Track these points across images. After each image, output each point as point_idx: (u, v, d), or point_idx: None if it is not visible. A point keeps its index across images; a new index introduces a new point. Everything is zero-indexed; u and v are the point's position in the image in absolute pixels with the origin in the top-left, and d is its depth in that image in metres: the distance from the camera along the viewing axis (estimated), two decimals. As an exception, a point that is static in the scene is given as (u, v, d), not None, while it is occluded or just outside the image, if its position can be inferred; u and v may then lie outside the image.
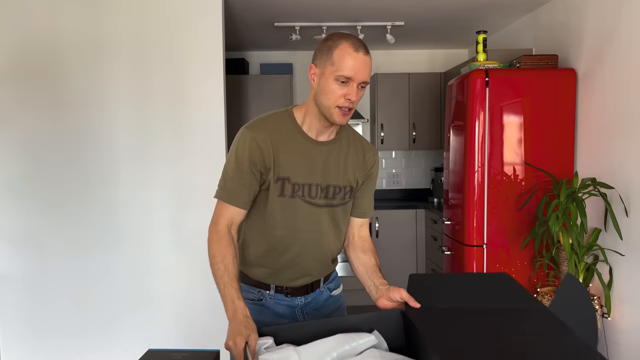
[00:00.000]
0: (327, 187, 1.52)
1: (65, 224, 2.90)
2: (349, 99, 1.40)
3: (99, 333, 2.93)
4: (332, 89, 1.40)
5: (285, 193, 1.49)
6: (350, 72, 1.38)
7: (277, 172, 1.47)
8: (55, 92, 2.86)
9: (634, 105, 2.58)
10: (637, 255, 2.58)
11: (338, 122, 1.44)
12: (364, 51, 1.40)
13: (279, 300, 1.59)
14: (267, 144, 1.46)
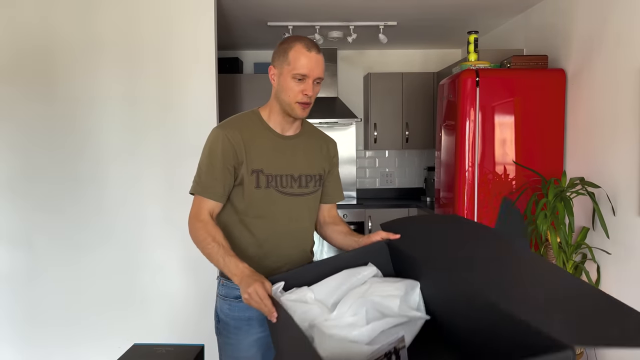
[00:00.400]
0: (300, 177, 1.65)
1: (56, 222, 2.91)
2: (306, 94, 1.54)
3: (91, 331, 2.95)
4: (290, 87, 1.54)
5: (260, 184, 1.59)
6: (305, 70, 1.52)
7: (251, 165, 1.57)
8: (46, 91, 2.86)
9: (621, 106, 2.61)
10: (623, 254, 2.61)
11: (299, 115, 1.58)
12: (316, 50, 1.55)
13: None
14: (238, 139, 1.57)
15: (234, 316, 1.64)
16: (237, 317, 1.63)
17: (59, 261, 2.92)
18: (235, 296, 1.62)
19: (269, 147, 1.61)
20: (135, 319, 2.97)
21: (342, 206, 4.60)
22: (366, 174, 5.16)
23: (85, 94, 2.88)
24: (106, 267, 2.94)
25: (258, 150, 1.59)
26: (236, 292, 1.59)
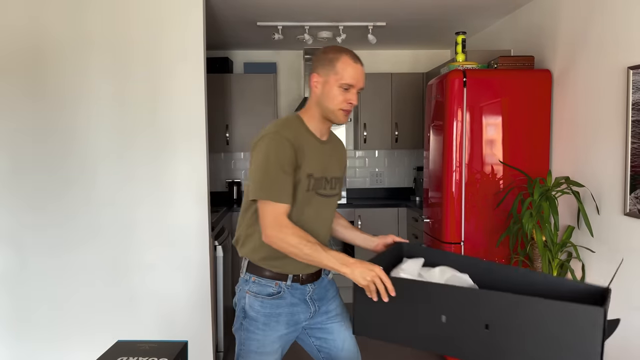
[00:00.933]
0: (332, 179, 1.78)
1: (45, 222, 2.90)
2: (351, 103, 1.67)
3: (80, 331, 2.94)
4: (335, 95, 1.65)
5: (310, 187, 1.70)
6: (352, 80, 1.65)
7: (306, 169, 1.67)
8: (34, 89, 2.86)
9: (605, 106, 2.65)
10: (607, 252, 2.65)
11: (342, 121, 1.72)
12: (360, 62, 1.69)
13: (294, 290, 1.75)
14: (296, 143, 1.64)
15: (264, 313, 1.72)
16: (268, 313, 1.72)
17: (46, 259, 2.91)
18: (267, 293, 1.72)
19: (314, 151, 1.71)
20: (123, 318, 2.96)
21: (332, 206, 4.61)
22: (356, 173, 5.18)
23: (73, 92, 2.87)
24: (94, 266, 2.93)
25: (308, 155, 1.68)
26: (269, 289, 1.72)
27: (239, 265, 1.87)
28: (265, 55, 5.00)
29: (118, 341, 1.04)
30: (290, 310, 1.75)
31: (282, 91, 5.01)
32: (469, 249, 3.17)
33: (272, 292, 1.73)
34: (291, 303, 1.75)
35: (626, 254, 2.51)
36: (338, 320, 1.87)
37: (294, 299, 1.76)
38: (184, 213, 2.96)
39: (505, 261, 3.16)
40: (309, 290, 1.78)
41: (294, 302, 1.76)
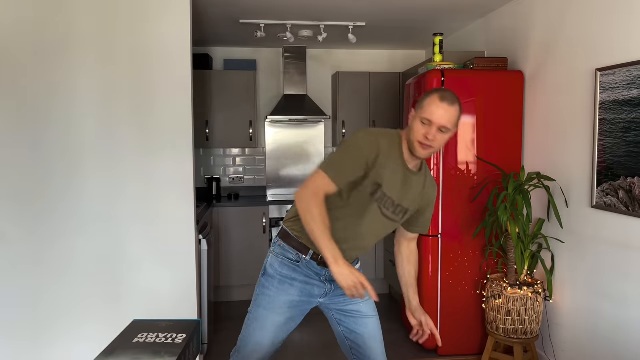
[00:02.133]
0: (399, 206, 1.86)
1: (29, 214, 2.89)
2: (427, 137, 1.73)
3: (64, 323, 2.94)
4: (416, 128, 1.75)
5: (374, 195, 1.80)
6: (430, 116, 1.71)
7: (378, 178, 1.78)
8: (19, 82, 2.84)
9: (572, 105, 2.82)
10: (576, 243, 2.83)
11: (419, 153, 1.77)
12: (448, 102, 1.72)
13: (311, 267, 1.89)
14: (383, 149, 1.76)
15: (281, 273, 1.90)
16: (285, 275, 1.89)
17: (32, 253, 2.90)
18: (289, 257, 1.90)
19: (396, 171, 1.81)
20: (108, 312, 2.98)
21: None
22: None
23: (59, 87, 2.87)
24: (80, 261, 2.94)
25: (389, 170, 1.79)
26: (289, 255, 1.91)
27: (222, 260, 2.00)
28: (245, 52, 5.05)
29: (134, 320, 1.09)
30: (305, 280, 1.90)
31: (262, 88, 5.07)
32: (447, 242, 3.31)
33: (292, 258, 1.90)
34: (306, 275, 1.90)
35: (593, 245, 2.68)
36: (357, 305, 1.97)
37: (310, 273, 1.90)
38: (169, 207, 3.00)
39: (480, 253, 3.31)
40: (326, 272, 1.88)
41: (309, 275, 1.90)
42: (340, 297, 1.96)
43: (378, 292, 4.82)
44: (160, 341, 0.90)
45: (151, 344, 0.89)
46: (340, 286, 1.62)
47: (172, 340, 0.91)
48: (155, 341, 0.90)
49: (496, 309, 2.97)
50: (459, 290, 3.33)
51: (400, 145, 1.82)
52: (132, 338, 0.92)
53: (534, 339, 2.98)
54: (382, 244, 4.70)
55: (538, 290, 2.93)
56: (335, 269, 1.62)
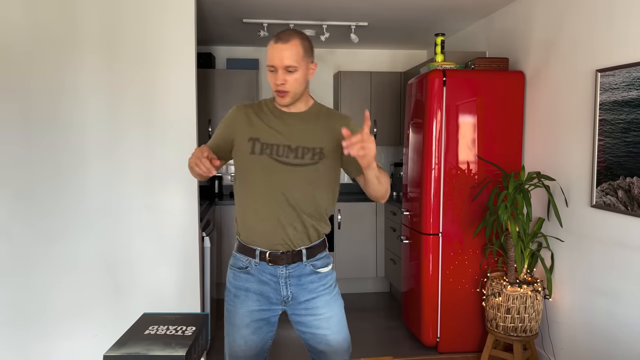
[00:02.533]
0: (298, 147, 1.76)
1: (35, 212, 2.92)
2: (276, 83, 1.71)
3: (68, 319, 2.97)
4: (269, 80, 1.74)
5: (255, 151, 1.76)
6: (271, 61, 1.70)
7: (249, 133, 1.77)
8: (25, 81, 2.87)
9: (574, 105, 2.85)
10: (575, 242, 2.86)
11: (280, 102, 1.77)
12: (283, 41, 1.69)
13: (263, 268, 1.79)
14: (242, 115, 1.81)
15: (235, 285, 1.83)
16: (238, 286, 1.82)
17: (37, 250, 2.93)
18: (239, 267, 1.83)
19: (270, 120, 1.79)
20: (112, 307, 3.01)
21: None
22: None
23: (65, 85, 2.90)
24: (83, 256, 2.97)
25: (259, 123, 1.78)
26: (240, 263, 1.83)
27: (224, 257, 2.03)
28: (247, 51, 5.08)
29: (144, 313, 1.12)
30: (259, 288, 1.79)
31: (264, 87, 5.10)
32: (447, 240, 3.34)
33: (242, 265, 1.82)
34: (259, 280, 1.79)
35: (592, 244, 2.71)
36: (318, 319, 1.81)
37: (263, 277, 1.79)
38: (173, 205, 3.03)
39: (480, 251, 3.34)
40: (280, 272, 1.78)
41: (262, 280, 1.79)
42: (301, 306, 1.81)
43: (378, 290, 4.88)
44: (170, 333, 0.92)
45: (162, 335, 0.91)
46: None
47: (182, 333, 0.93)
48: (166, 333, 0.92)
49: (496, 307, 3.00)
50: (459, 289, 3.36)
51: (272, 100, 1.84)
52: (143, 330, 0.93)
53: (533, 336, 3.01)
54: (382, 243, 4.74)
55: (538, 289, 2.96)
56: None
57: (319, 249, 1.85)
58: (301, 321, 1.83)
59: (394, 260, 4.45)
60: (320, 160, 1.78)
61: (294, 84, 1.71)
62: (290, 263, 1.78)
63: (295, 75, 1.70)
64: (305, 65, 1.73)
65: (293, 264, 1.79)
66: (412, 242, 3.61)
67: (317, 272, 1.82)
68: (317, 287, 1.82)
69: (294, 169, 1.75)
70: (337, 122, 1.82)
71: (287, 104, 1.77)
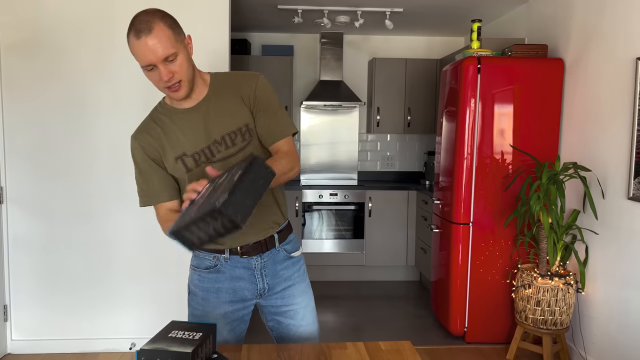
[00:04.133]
0: (223, 138, 1.52)
1: (74, 192, 3.05)
2: (164, 80, 1.42)
3: (103, 293, 3.11)
4: (150, 78, 1.44)
5: (189, 166, 1.53)
6: (146, 60, 1.39)
7: (171, 154, 1.53)
8: (63, 64, 2.99)
9: (614, 94, 2.75)
10: (610, 235, 2.78)
11: (178, 98, 1.49)
12: (144, 33, 1.36)
13: (235, 263, 1.61)
14: (148, 140, 1.54)
15: (203, 287, 1.63)
16: (206, 288, 1.62)
17: (75, 229, 3.07)
18: (205, 267, 1.63)
19: (181, 127, 1.53)
20: (145, 283, 3.13)
21: (344, 187, 4.76)
22: (367, 156, 5.30)
23: (101, 69, 3.00)
24: (118, 235, 3.09)
25: (173, 137, 1.53)
26: (207, 262, 1.62)
27: None
28: (282, 38, 5.10)
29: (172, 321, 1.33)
30: (231, 286, 1.61)
31: (298, 74, 5.12)
32: (477, 230, 3.30)
33: (210, 265, 1.62)
34: (232, 277, 1.62)
35: (629, 237, 2.63)
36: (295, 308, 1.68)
37: (236, 272, 1.61)
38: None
39: (511, 242, 3.29)
40: (255, 263, 1.62)
41: (235, 276, 1.62)
42: (277, 295, 1.67)
43: (408, 279, 4.87)
44: (185, 337, 1.21)
45: (179, 338, 1.20)
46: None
47: (192, 337, 1.21)
48: (182, 337, 1.21)
49: (525, 299, 2.96)
50: (488, 279, 3.32)
51: (163, 106, 1.58)
52: (168, 333, 1.24)
53: (563, 330, 2.95)
54: (413, 232, 4.72)
55: (570, 282, 2.90)
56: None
57: (287, 231, 1.70)
58: (276, 312, 1.68)
59: (424, 250, 4.43)
60: (251, 137, 1.55)
61: (182, 70, 1.43)
62: (264, 251, 1.62)
63: (178, 62, 1.42)
64: (182, 45, 1.43)
65: (267, 252, 1.63)
66: (442, 232, 3.58)
67: (290, 257, 1.69)
68: (292, 274, 1.69)
69: (231, 161, 1.52)
70: (246, 82, 1.56)
71: (186, 95, 1.49)
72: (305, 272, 1.75)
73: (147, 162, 1.56)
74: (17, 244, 3.06)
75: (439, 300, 3.65)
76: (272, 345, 1.52)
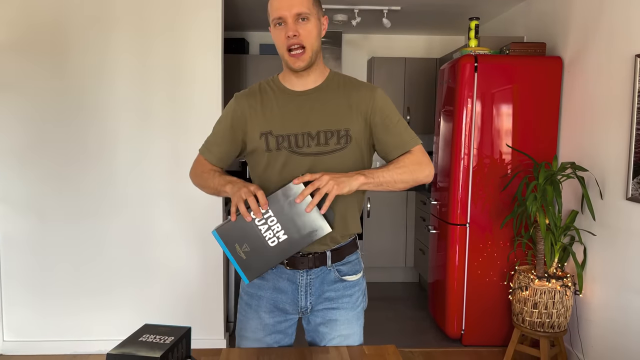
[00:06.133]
0: (318, 133, 1.46)
1: (66, 191, 3.03)
2: (289, 36, 1.39)
3: (95, 296, 3.09)
4: (276, 37, 1.43)
5: (270, 147, 1.47)
6: (277, 12, 1.39)
7: (260, 127, 1.48)
8: (57, 63, 2.97)
9: (613, 93, 2.70)
10: (609, 236, 2.72)
11: (294, 65, 1.43)
12: None
13: (280, 274, 1.51)
14: (244, 106, 1.51)
15: (247, 291, 1.57)
16: (251, 293, 1.55)
17: (67, 228, 3.05)
18: None
19: (280, 107, 1.48)
20: (138, 285, 3.10)
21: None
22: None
23: (95, 68, 2.98)
24: (113, 237, 3.07)
25: (268, 112, 1.48)
26: None
27: None
28: (280, 37, 5.06)
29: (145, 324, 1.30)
30: (273, 296, 1.52)
31: (297, 73, 5.08)
32: (475, 231, 3.25)
33: None
34: (274, 287, 1.52)
35: (627, 238, 2.58)
36: (334, 336, 1.54)
37: (280, 284, 1.51)
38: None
39: (509, 243, 3.24)
40: (300, 278, 1.50)
41: (278, 287, 1.52)
42: (317, 314, 1.54)
43: (407, 280, 4.82)
44: (155, 341, 1.18)
45: (149, 342, 1.18)
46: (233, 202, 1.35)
47: (163, 341, 1.18)
48: (152, 341, 1.18)
49: (522, 301, 2.91)
50: (486, 281, 3.27)
51: (275, 81, 1.53)
52: (138, 337, 1.21)
53: (561, 333, 2.90)
54: (412, 233, 4.67)
55: (567, 284, 2.84)
56: (228, 189, 1.42)
57: (348, 250, 1.55)
58: (315, 330, 1.55)
59: (423, 251, 4.38)
60: (347, 144, 1.47)
61: (309, 37, 1.40)
62: (312, 267, 1.49)
63: (309, 26, 1.39)
64: (317, 16, 1.43)
65: (315, 269, 1.50)
66: (439, 232, 3.53)
67: (342, 280, 1.53)
68: (340, 297, 1.53)
69: (317, 159, 1.45)
70: (363, 93, 1.50)
71: (304, 67, 1.43)
72: (360, 300, 1.58)
73: (228, 127, 1.54)
74: (9, 244, 3.04)
75: (436, 302, 3.60)
76: (252, 349, 1.49)
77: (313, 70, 1.48)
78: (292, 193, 1.34)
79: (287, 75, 1.52)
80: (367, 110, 1.50)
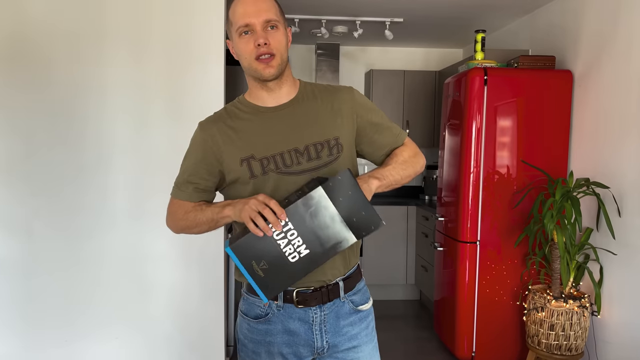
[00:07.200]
0: (307, 148, 1.34)
1: (56, 209, 2.85)
2: (260, 44, 1.27)
3: (89, 320, 2.90)
4: (242, 47, 1.30)
5: (255, 172, 1.32)
6: (243, 19, 1.28)
7: (237, 154, 1.34)
8: (48, 76, 2.80)
9: (628, 107, 2.63)
10: (628, 255, 2.63)
11: (265, 74, 1.30)
12: None
13: (289, 313, 1.36)
14: (214, 134, 1.38)
15: (252, 339, 1.40)
16: (257, 340, 1.39)
17: (58, 248, 2.86)
18: (255, 315, 1.39)
19: (257, 126, 1.35)
20: (135, 310, 2.92)
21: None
22: (365, 170, 5.14)
23: (90, 81, 2.82)
24: (107, 256, 2.89)
25: (244, 135, 1.34)
26: (257, 310, 1.39)
27: None
28: (277, 48, 4.96)
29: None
30: (285, 340, 1.36)
31: (293, 85, 4.97)
32: (485, 249, 3.15)
33: (260, 313, 1.38)
34: (285, 330, 1.36)
35: (648, 257, 2.49)
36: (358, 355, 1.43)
37: (290, 325, 1.36)
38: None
39: (520, 262, 3.14)
40: (314, 315, 1.36)
41: (289, 329, 1.36)
42: (339, 356, 1.41)
43: (408, 298, 4.69)
44: None
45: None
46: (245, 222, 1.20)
47: None
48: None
49: (538, 323, 2.80)
50: (496, 300, 3.16)
51: (242, 101, 1.41)
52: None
53: (578, 355, 2.79)
54: (413, 249, 4.56)
55: (585, 304, 2.74)
56: (230, 213, 1.27)
57: (356, 278, 1.44)
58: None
59: (425, 267, 4.26)
60: (339, 153, 1.35)
61: (280, 46, 1.29)
62: (325, 302, 1.36)
63: (278, 35, 1.29)
64: (284, 25, 1.33)
65: (329, 303, 1.37)
66: (446, 250, 3.42)
67: (357, 311, 1.42)
68: (359, 332, 1.42)
69: (311, 176, 1.33)
70: (342, 96, 1.41)
71: (275, 74, 1.30)
72: (374, 329, 1.49)
73: (200, 160, 1.40)
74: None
75: (443, 322, 3.47)
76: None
77: (284, 83, 1.37)
78: (314, 202, 1.20)
79: (256, 92, 1.38)
80: (351, 112, 1.41)
